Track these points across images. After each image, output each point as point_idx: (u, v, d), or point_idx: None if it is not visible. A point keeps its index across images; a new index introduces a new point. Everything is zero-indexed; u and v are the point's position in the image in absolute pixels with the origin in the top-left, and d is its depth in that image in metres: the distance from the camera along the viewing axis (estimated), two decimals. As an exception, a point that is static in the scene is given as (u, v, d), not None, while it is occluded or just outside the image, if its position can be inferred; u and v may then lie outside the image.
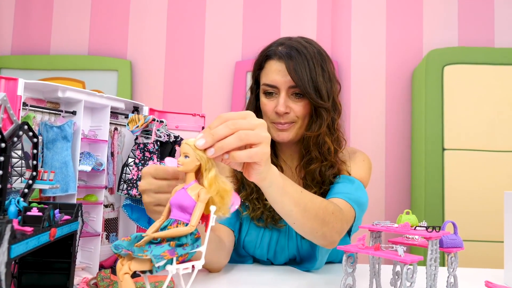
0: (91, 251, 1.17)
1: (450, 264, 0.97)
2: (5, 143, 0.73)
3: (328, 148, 1.37)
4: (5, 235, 0.57)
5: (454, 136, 2.64)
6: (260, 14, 3.13)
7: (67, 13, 3.19)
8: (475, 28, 3.08)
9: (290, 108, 1.35)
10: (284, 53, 1.34)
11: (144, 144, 1.22)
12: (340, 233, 1.22)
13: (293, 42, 1.37)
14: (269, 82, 1.36)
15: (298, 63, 1.32)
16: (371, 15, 3.14)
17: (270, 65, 1.38)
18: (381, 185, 3.05)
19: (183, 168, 0.76)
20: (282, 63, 1.34)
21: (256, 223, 1.42)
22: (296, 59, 1.32)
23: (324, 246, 1.22)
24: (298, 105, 1.35)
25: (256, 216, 1.40)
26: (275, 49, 1.37)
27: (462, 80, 2.67)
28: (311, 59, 1.33)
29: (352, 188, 1.36)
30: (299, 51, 1.33)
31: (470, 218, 2.56)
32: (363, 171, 1.46)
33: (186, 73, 3.13)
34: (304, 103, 1.36)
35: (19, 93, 0.98)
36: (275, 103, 1.37)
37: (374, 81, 3.10)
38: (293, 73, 1.31)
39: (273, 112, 1.37)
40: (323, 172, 1.38)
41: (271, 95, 1.38)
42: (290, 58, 1.32)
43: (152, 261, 0.67)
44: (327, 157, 1.38)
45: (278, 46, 1.38)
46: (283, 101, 1.34)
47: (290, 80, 1.33)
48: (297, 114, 1.36)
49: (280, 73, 1.34)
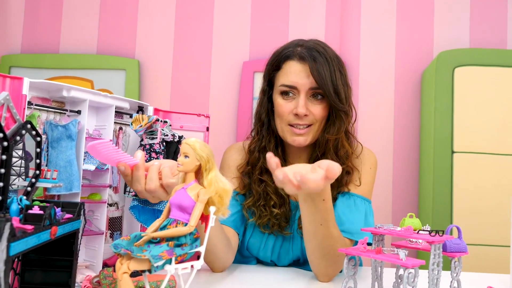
0: (95, 249, 1.18)
1: (453, 269, 0.96)
2: (8, 141, 0.73)
3: (346, 151, 1.36)
4: (4, 233, 0.57)
5: (464, 139, 2.61)
6: (268, 14, 3.13)
7: (76, 12, 3.21)
8: (487, 29, 3.05)
9: (309, 110, 1.33)
10: (306, 54, 1.32)
11: (150, 145, 1.23)
12: (336, 272, 1.26)
13: (310, 43, 1.36)
14: (288, 83, 1.34)
15: (320, 65, 1.30)
16: (381, 14, 3.12)
17: (289, 65, 1.35)
18: (388, 188, 3.03)
19: (183, 168, 0.76)
20: (303, 64, 1.32)
21: (262, 230, 1.41)
22: (318, 60, 1.30)
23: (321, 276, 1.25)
24: (317, 108, 1.34)
25: (262, 223, 1.39)
26: (293, 50, 1.35)
27: (473, 82, 2.64)
28: (331, 62, 1.32)
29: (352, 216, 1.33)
30: (320, 52, 1.32)
31: (479, 222, 2.53)
32: (367, 183, 1.42)
33: (193, 72, 3.14)
34: (322, 106, 1.34)
35: (24, 92, 0.99)
36: (293, 104, 1.34)
37: (383, 82, 3.08)
38: (316, 75, 1.29)
39: (290, 114, 1.35)
40: (339, 178, 1.34)
41: (287, 96, 1.36)
42: (313, 59, 1.31)
43: (151, 261, 0.67)
44: (344, 161, 1.36)
45: (296, 47, 1.36)
46: (304, 102, 1.32)
47: (311, 82, 1.31)
48: (316, 116, 1.34)
49: (300, 74, 1.32)
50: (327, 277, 1.24)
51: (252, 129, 1.49)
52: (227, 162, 1.51)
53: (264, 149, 1.41)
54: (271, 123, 1.43)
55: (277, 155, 1.39)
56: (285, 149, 1.46)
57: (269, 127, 1.43)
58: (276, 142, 1.43)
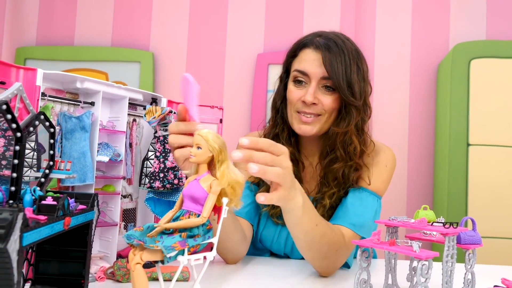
0: (109, 241, 1.19)
1: (467, 261, 0.95)
2: (21, 132, 0.74)
3: (354, 148, 1.33)
4: (17, 223, 0.58)
5: (480, 132, 2.59)
6: (283, 6, 3.11)
7: (91, 5, 3.23)
8: (504, 21, 3.01)
9: (318, 99, 1.31)
10: (321, 43, 1.31)
11: (164, 137, 1.23)
12: (338, 267, 1.24)
13: (331, 35, 1.35)
14: (301, 69, 1.33)
15: (334, 56, 1.29)
16: (396, 6, 3.09)
17: (305, 53, 1.35)
18: (403, 180, 3.01)
19: (195, 159, 0.76)
20: (318, 53, 1.31)
21: (275, 220, 1.41)
22: (333, 51, 1.29)
23: (318, 272, 1.24)
24: (327, 98, 1.32)
25: (275, 213, 1.38)
26: (312, 39, 1.35)
27: (489, 75, 2.61)
28: (348, 55, 1.30)
29: (361, 209, 1.31)
30: (337, 44, 1.31)
31: (494, 215, 2.51)
32: (382, 181, 1.39)
33: (207, 64, 3.14)
34: (334, 97, 1.32)
35: (38, 83, 0.99)
36: (303, 92, 1.33)
37: (398, 74, 3.06)
38: (328, 65, 1.28)
39: (299, 101, 1.34)
40: (346, 174, 1.33)
41: (300, 84, 1.35)
42: (327, 49, 1.30)
43: (163, 252, 0.67)
44: (352, 157, 1.33)
45: (316, 37, 1.36)
46: (313, 90, 1.30)
47: (323, 71, 1.30)
48: (325, 107, 1.32)
49: (314, 63, 1.31)
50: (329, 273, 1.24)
51: (268, 120, 1.49)
52: None
53: (277, 136, 1.41)
54: (283, 111, 1.42)
55: (290, 144, 1.39)
56: (298, 140, 1.45)
57: (283, 115, 1.43)
58: (289, 131, 1.42)
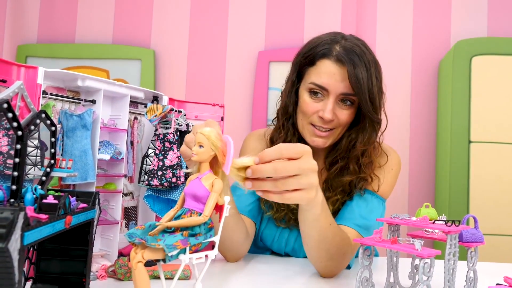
0: (110, 239, 1.19)
1: (470, 259, 0.95)
2: (22, 131, 0.73)
3: (370, 161, 1.32)
4: (18, 222, 0.57)
5: (481, 129, 2.59)
6: (284, 3, 3.10)
7: (92, 2, 3.22)
8: (505, 18, 3.00)
9: (335, 115, 1.27)
10: (344, 56, 1.23)
11: (164, 135, 1.22)
12: (340, 270, 1.21)
13: (350, 44, 1.26)
14: (320, 83, 1.26)
15: (359, 70, 1.21)
16: (398, 3, 3.08)
17: (325, 65, 1.26)
18: (405, 178, 3.01)
19: (197, 158, 0.76)
20: (340, 66, 1.24)
21: (277, 224, 1.40)
22: (357, 65, 1.22)
23: (320, 274, 1.21)
24: (344, 113, 1.27)
25: (279, 217, 1.38)
26: (331, 48, 1.26)
27: (490, 72, 2.61)
28: (370, 67, 1.24)
29: (366, 211, 1.29)
30: (359, 56, 1.23)
31: (496, 212, 2.51)
32: (387, 185, 1.38)
33: (208, 62, 3.13)
34: (350, 112, 1.28)
35: (39, 82, 0.99)
36: (320, 105, 1.27)
37: (399, 71, 3.05)
38: (354, 81, 1.21)
39: (315, 115, 1.28)
40: (354, 183, 1.31)
41: (316, 96, 1.28)
42: (352, 63, 1.22)
43: (165, 251, 0.67)
44: (366, 171, 1.31)
45: (334, 45, 1.27)
46: (332, 106, 1.25)
47: (345, 86, 1.24)
48: (341, 121, 1.28)
49: (334, 77, 1.24)
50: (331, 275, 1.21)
51: (274, 117, 1.46)
52: (246, 149, 1.48)
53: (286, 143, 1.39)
54: (294, 117, 1.38)
55: None
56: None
57: (294, 121, 1.38)
58: (299, 137, 1.38)
